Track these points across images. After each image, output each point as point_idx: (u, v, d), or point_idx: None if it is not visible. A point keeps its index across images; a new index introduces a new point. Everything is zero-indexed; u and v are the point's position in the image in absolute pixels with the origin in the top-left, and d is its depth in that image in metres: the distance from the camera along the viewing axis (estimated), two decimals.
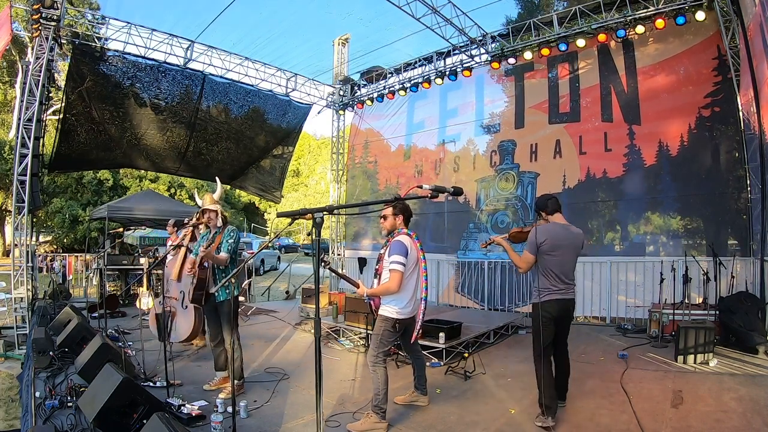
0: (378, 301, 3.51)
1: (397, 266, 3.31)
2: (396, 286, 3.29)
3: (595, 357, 5.13)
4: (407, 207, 3.58)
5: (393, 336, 3.47)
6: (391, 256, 3.35)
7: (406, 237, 3.46)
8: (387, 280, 3.37)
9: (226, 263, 4.04)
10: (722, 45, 6.32)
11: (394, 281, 3.29)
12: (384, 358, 3.44)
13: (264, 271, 17.73)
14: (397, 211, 3.52)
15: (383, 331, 3.42)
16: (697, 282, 6.02)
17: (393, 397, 3.72)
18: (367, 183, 11.29)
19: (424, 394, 3.82)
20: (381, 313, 3.48)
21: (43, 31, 6.89)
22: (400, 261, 3.31)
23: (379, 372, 3.37)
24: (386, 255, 3.45)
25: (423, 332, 5.09)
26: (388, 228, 3.57)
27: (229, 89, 9.63)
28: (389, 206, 3.50)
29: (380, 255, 3.58)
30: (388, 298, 3.43)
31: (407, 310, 3.44)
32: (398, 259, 3.32)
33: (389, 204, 3.47)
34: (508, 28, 8.35)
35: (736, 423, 3.24)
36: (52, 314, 6.24)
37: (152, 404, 3.00)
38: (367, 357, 3.55)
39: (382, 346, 3.43)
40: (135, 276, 9.04)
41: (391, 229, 3.56)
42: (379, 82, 10.51)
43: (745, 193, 6.18)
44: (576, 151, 7.79)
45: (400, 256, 3.32)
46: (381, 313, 3.48)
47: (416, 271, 3.47)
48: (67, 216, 18.81)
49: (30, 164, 6.69)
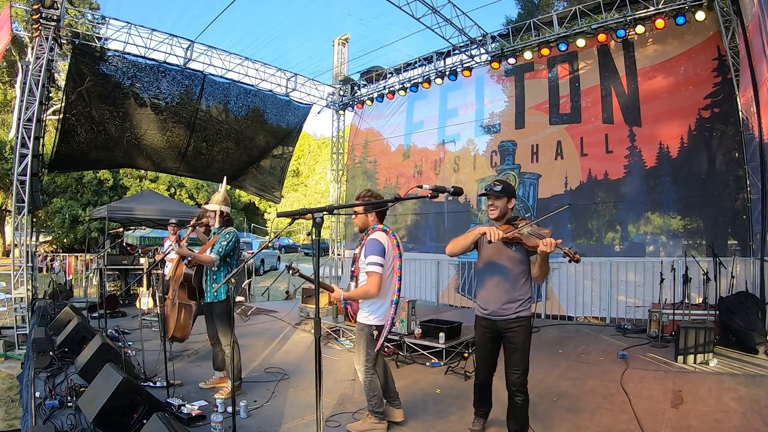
0: (356, 306, 3.25)
1: (375, 267, 3.02)
2: (375, 289, 3.02)
3: (595, 357, 5.12)
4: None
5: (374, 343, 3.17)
6: (368, 257, 3.05)
7: (381, 234, 3.14)
8: (365, 283, 3.09)
9: (212, 264, 3.93)
10: (722, 45, 6.32)
11: (373, 284, 3.02)
12: (373, 365, 3.20)
13: (264, 271, 17.72)
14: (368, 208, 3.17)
15: (364, 339, 3.16)
16: (697, 282, 6.02)
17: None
18: (367, 183, 11.29)
19: (396, 407, 3.42)
20: (360, 320, 3.22)
21: (43, 31, 6.90)
22: (378, 262, 3.03)
23: (371, 380, 3.20)
24: (362, 255, 3.14)
25: (423, 332, 5.13)
26: (359, 225, 3.27)
27: (229, 89, 9.64)
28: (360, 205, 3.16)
29: (355, 255, 3.28)
30: (365, 302, 3.17)
31: (384, 315, 3.15)
32: (375, 259, 3.03)
33: (389, 204, 3.40)
34: (508, 28, 8.35)
35: (736, 423, 3.24)
36: (52, 314, 6.23)
37: (152, 404, 3.00)
38: (357, 368, 3.30)
39: (369, 355, 3.17)
40: (135, 276, 9.04)
41: (363, 226, 3.25)
42: (379, 82, 10.52)
43: (745, 193, 6.18)
44: (577, 152, 7.79)
45: (377, 257, 3.03)
46: (360, 320, 3.22)
47: (392, 271, 3.17)
48: (67, 216, 18.80)
49: (30, 164, 6.69)
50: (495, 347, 2.96)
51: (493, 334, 2.91)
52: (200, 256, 3.95)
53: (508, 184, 2.98)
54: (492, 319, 2.89)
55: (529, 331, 2.88)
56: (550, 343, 5.85)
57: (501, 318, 2.85)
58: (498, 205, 2.89)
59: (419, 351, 5.11)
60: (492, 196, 2.90)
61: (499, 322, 2.86)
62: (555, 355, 5.24)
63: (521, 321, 2.83)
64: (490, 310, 2.89)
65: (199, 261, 4.00)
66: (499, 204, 2.89)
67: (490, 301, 2.90)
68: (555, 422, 3.39)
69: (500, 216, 2.90)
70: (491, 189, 2.91)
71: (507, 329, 2.84)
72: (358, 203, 3.20)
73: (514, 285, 2.84)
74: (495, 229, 2.71)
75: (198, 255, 3.96)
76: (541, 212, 8.04)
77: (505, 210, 2.91)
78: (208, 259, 3.92)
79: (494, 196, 2.89)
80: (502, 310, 2.84)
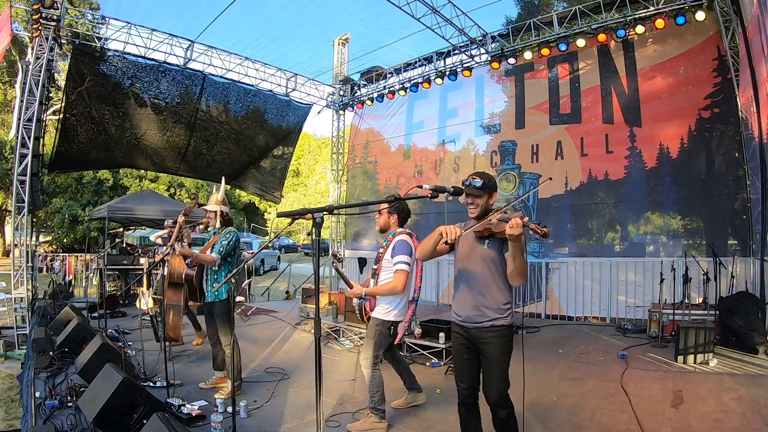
0: (373, 303, 3.42)
1: (403, 266, 3.24)
2: (401, 286, 3.22)
3: (595, 357, 5.12)
4: (405, 208, 3.49)
5: (388, 339, 3.39)
6: (397, 256, 3.26)
7: (407, 237, 3.38)
8: (390, 280, 3.28)
9: (214, 264, 3.96)
10: (722, 45, 6.32)
11: (400, 281, 3.22)
12: (379, 360, 3.38)
13: (264, 271, 17.72)
14: (392, 210, 3.43)
15: (378, 334, 3.32)
16: (697, 282, 6.02)
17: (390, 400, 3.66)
18: (367, 183, 11.29)
19: (419, 392, 3.76)
20: (376, 316, 3.37)
21: (43, 31, 6.89)
22: (406, 261, 3.25)
23: (375, 375, 3.32)
24: (387, 255, 3.35)
25: (423, 332, 5.14)
26: (381, 224, 3.50)
27: (229, 89, 9.63)
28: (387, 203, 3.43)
29: (379, 255, 3.47)
30: (386, 299, 3.34)
31: (403, 312, 3.38)
32: (404, 258, 3.25)
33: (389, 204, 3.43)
34: (508, 28, 8.35)
35: (736, 423, 3.24)
36: (52, 314, 6.23)
37: (152, 404, 3.00)
38: (360, 360, 3.46)
39: (377, 349, 3.35)
40: (135, 276, 9.04)
41: (384, 226, 3.49)
42: (379, 82, 10.51)
43: (744, 193, 6.18)
44: (578, 152, 7.80)
45: (405, 256, 3.25)
46: (376, 316, 3.37)
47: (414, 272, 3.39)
48: (67, 216, 18.80)
49: (30, 164, 6.69)
50: (473, 357, 2.51)
51: (468, 343, 2.50)
52: (202, 255, 3.96)
53: (488, 176, 2.57)
54: (465, 326, 2.49)
55: (508, 343, 2.45)
56: (550, 343, 5.85)
57: (474, 325, 2.45)
58: (479, 203, 2.51)
59: (419, 351, 5.12)
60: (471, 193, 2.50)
61: (473, 330, 2.46)
62: (555, 355, 5.24)
63: (497, 331, 2.41)
64: (462, 316, 2.50)
65: (200, 261, 4.01)
66: (480, 202, 2.51)
67: (462, 305, 2.51)
68: (555, 422, 3.39)
69: (482, 215, 2.51)
70: (470, 184, 2.51)
71: (481, 339, 2.44)
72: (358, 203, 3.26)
73: (488, 288, 2.44)
74: (452, 227, 2.36)
75: (199, 255, 3.96)
76: (542, 212, 8.05)
77: (487, 207, 2.53)
78: (210, 258, 3.94)
79: (474, 193, 2.50)
80: (475, 316, 2.44)
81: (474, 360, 2.51)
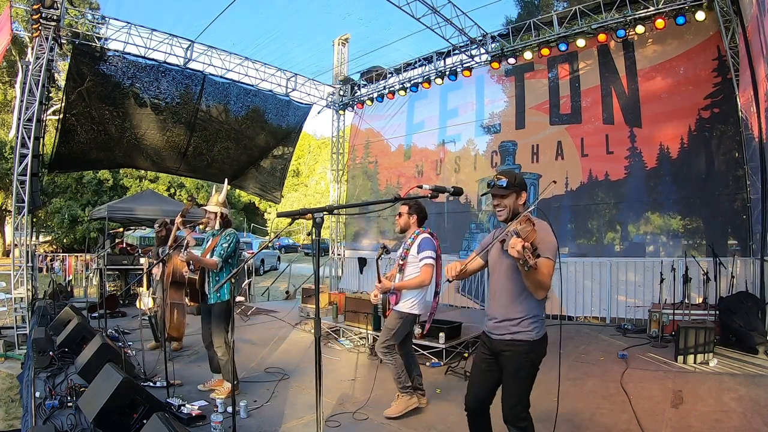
0: (398, 296, 3.66)
1: (430, 260, 3.54)
2: (429, 278, 3.53)
3: (595, 357, 5.13)
4: (423, 209, 3.75)
5: (407, 331, 3.68)
6: (423, 251, 3.56)
7: (430, 235, 3.66)
8: (417, 275, 3.56)
9: (215, 268, 3.96)
10: (722, 45, 6.31)
11: (428, 274, 3.52)
12: (394, 346, 3.60)
13: (264, 271, 17.72)
14: (412, 211, 3.71)
15: (400, 325, 3.59)
16: (697, 282, 6.02)
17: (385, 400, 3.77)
18: (368, 183, 11.29)
19: (423, 395, 3.83)
20: (400, 309, 3.62)
21: (43, 31, 6.89)
22: (433, 256, 3.56)
23: (395, 358, 3.57)
24: (413, 251, 3.62)
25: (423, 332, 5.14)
26: (401, 225, 3.76)
27: (229, 89, 9.63)
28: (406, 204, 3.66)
29: (405, 251, 3.70)
30: (411, 293, 3.61)
31: (425, 307, 3.68)
32: (431, 254, 3.56)
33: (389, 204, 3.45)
34: (508, 28, 8.35)
35: (736, 423, 3.24)
36: (52, 314, 6.24)
37: (152, 404, 3.00)
38: (377, 348, 3.67)
39: (395, 339, 3.59)
40: (135, 276, 9.04)
41: (404, 226, 3.75)
42: (379, 82, 10.51)
43: (744, 193, 6.18)
44: (578, 153, 7.79)
45: (432, 251, 3.57)
46: (400, 309, 3.62)
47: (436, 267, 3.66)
48: (67, 216, 18.81)
49: (30, 164, 6.69)
50: (489, 369, 2.41)
51: (489, 353, 2.41)
52: (204, 260, 3.96)
53: (515, 175, 2.35)
54: (489, 336, 2.42)
55: (529, 360, 2.31)
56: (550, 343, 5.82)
57: (496, 337, 2.36)
58: (506, 204, 2.31)
59: (419, 351, 5.10)
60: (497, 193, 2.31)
61: (495, 342, 2.37)
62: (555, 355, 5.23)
63: (517, 345, 2.28)
64: (488, 326, 2.43)
65: (203, 265, 4.00)
66: (507, 203, 2.30)
67: (489, 315, 2.45)
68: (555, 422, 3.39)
69: (510, 217, 2.29)
70: (494, 184, 2.31)
71: (501, 352, 2.34)
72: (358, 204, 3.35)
73: (511, 300, 2.31)
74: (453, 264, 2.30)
75: (202, 260, 3.96)
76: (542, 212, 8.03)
77: (515, 209, 2.30)
78: (212, 263, 3.95)
79: (499, 193, 2.30)
80: (497, 328, 2.36)
81: (491, 373, 2.41)
